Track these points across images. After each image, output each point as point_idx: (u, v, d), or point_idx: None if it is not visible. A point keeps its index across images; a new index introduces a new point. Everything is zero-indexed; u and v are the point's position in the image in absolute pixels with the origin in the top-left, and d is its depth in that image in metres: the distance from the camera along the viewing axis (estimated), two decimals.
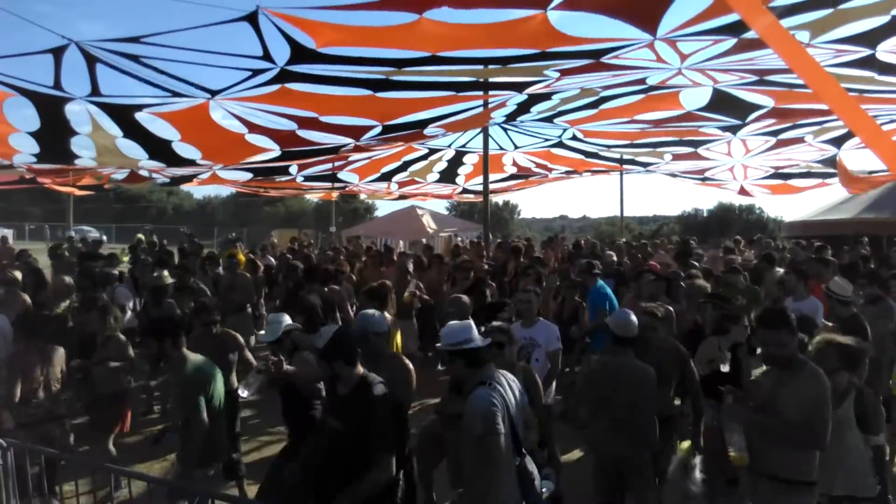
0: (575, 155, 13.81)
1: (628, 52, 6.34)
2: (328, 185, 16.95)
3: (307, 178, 16.05)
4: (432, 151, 14.58)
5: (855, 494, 3.69)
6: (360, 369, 3.54)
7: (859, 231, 17.50)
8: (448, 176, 17.24)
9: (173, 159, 9.72)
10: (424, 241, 16.75)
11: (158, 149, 8.97)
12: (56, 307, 7.79)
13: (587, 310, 7.36)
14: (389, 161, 14.87)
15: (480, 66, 6.79)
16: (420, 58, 6.18)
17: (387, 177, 16.88)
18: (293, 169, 14.00)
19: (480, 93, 8.22)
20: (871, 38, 6.32)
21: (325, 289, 7.87)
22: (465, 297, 5.99)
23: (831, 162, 13.28)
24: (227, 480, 5.19)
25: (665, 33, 5.85)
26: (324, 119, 8.17)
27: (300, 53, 5.91)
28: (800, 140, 12.83)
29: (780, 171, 15.83)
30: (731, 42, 6.16)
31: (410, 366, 4.44)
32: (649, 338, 4.68)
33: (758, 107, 9.11)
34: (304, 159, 12.64)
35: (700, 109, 9.38)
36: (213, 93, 7.03)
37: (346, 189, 20.00)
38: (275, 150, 9.50)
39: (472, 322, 3.61)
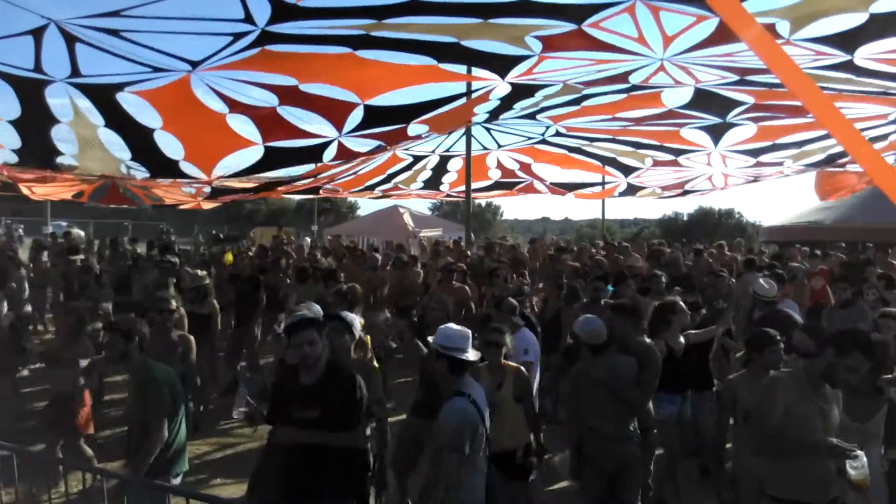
0: (559, 150, 13.77)
1: (610, 17, 6.22)
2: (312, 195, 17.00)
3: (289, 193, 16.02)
4: (416, 160, 14.49)
5: None
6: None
7: (836, 237, 17.80)
8: (432, 184, 17.17)
9: (155, 158, 9.47)
10: (395, 242, 16.73)
11: (140, 141, 8.74)
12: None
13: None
14: (374, 174, 14.78)
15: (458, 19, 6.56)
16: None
17: (371, 188, 16.80)
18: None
19: (464, 70, 8.07)
20: (848, 42, 6.38)
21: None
22: (448, 296, 5.98)
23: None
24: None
25: None
26: (304, 88, 7.90)
27: (281, 10, 5.82)
28: (779, 163, 13.04)
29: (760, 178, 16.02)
30: (713, 22, 6.13)
31: (375, 366, 4.58)
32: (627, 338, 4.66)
33: (739, 103, 9.18)
34: (288, 183, 12.55)
35: (681, 107, 9.42)
36: (195, 64, 6.90)
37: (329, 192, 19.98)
38: (258, 144, 9.27)
39: (470, 333, 3.65)
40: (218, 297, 8.58)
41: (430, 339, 3.66)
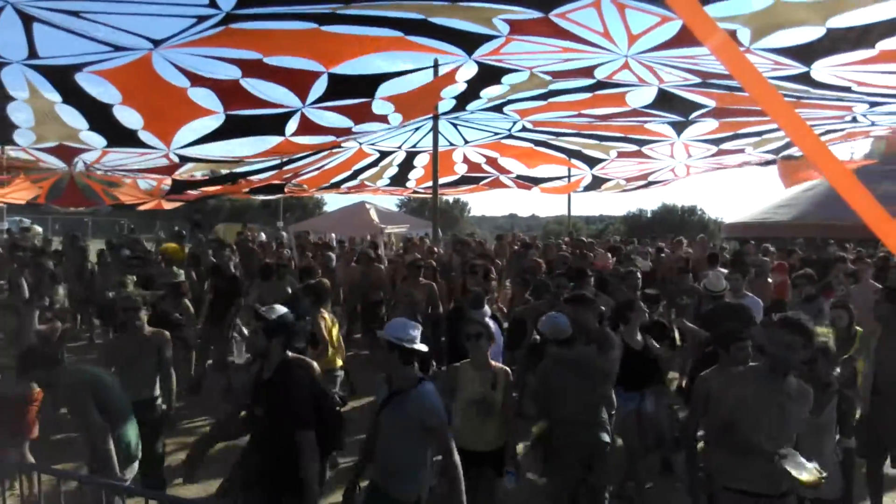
0: (525, 144, 13.82)
1: (576, 10, 6.24)
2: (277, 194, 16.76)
3: (253, 191, 15.83)
4: (383, 156, 14.42)
5: (821, 497, 3.69)
6: (287, 354, 3.66)
7: (796, 234, 18.27)
8: (399, 180, 17.12)
9: (112, 129, 9.21)
10: (358, 238, 16.69)
11: (98, 115, 8.54)
12: None
13: None
14: (340, 170, 14.66)
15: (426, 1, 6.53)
16: None
17: (336, 185, 16.67)
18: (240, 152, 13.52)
19: (429, 42, 7.77)
20: (806, 54, 6.56)
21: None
22: (415, 292, 6.00)
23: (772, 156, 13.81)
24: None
25: None
26: (268, 61, 7.69)
27: None
28: (740, 151, 13.34)
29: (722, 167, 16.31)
30: (677, 24, 6.20)
31: (315, 364, 4.51)
32: (589, 327, 4.77)
33: (700, 106, 9.37)
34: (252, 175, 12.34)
35: (645, 107, 9.56)
36: (157, 42, 6.75)
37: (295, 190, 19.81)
38: (219, 113, 9.03)
39: (418, 325, 3.69)
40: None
41: (378, 333, 3.69)
